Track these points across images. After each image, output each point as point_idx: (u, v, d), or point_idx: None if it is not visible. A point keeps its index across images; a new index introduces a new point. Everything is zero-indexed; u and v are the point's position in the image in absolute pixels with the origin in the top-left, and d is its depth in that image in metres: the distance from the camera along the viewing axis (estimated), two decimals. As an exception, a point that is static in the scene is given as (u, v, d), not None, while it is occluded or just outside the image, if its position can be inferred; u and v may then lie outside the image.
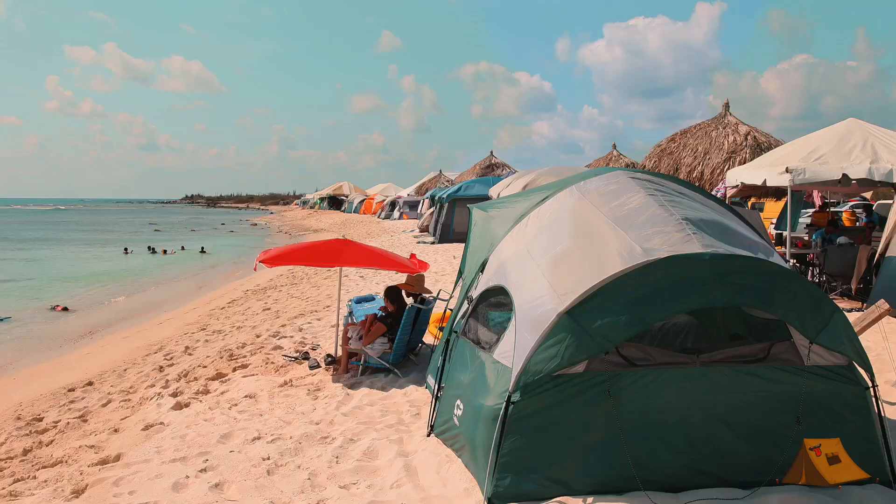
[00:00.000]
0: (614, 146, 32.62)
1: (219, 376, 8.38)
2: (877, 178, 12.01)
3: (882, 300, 6.76)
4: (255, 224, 67.87)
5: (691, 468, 4.51)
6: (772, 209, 24.51)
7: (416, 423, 6.29)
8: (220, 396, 7.54)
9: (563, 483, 4.47)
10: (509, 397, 4.48)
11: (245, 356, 9.26)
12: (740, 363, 4.59)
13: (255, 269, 8.29)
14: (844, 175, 11.98)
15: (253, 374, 8.29)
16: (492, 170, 41.38)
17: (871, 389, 4.59)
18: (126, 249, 36.06)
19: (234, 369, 8.63)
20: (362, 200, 65.57)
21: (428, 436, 5.81)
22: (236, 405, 7.12)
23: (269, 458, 5.54)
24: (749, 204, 24.68)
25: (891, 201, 13.30)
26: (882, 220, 14.37)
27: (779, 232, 16.47)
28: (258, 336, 10.74)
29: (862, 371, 4.61)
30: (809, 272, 14.10)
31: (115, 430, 6.86)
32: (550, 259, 5.04)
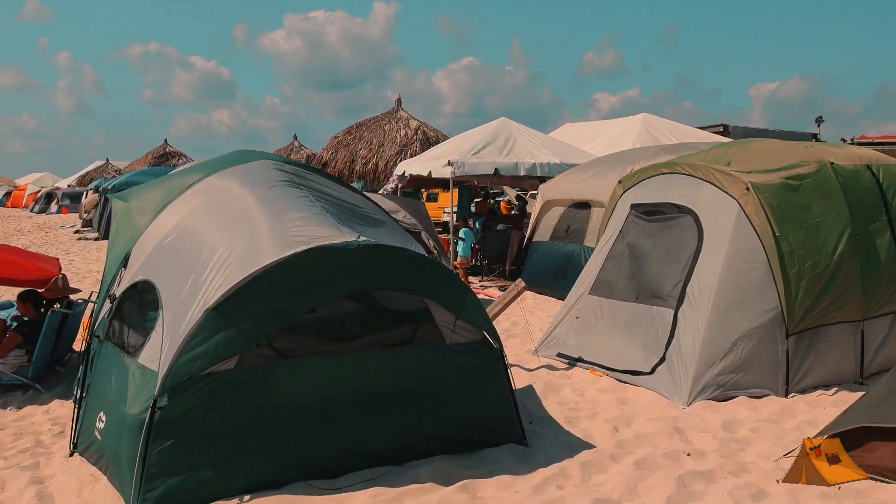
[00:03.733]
0: (295, 137, 32.83)
1: None
2: (522, 173, 13.49)
3: (519, 279, 7.59)
4: None
5: (348, 451, 4.61)
6: (445, 199, 26.39)
7: (59, 442, 5.60)
8: None
9: (221, 484, 4.29)
10: (155, 402, 4.18)
11: None
12: (389, 347, 4.81)
13: None
14: (496, 169, 13.28)
15: None
16: (166, 159, 38.89)
17: (503, 359, 5.08)
18: None
19: None
20: (9, 192, 57.39)
21: (71, 455, 5.20)
22: None
23: None
24: (425, 194, 26.32)
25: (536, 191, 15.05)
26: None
27: (445, 221, 17.75)
28: None
29: (493, 343, 5.09)
30: (475, 256, 15.44)
31: None
32: (196, 250, 4.81)
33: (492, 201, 21.74)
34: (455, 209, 15.95)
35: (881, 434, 4.51)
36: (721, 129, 24.65)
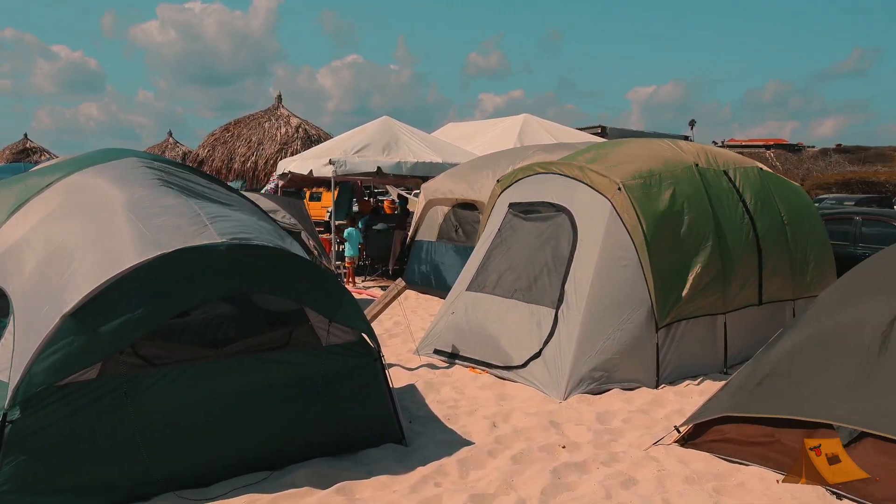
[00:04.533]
0: (170, 133, 31.51)
1: None
2: (405, 172, 13.50)
3: (399, 279, 7.57)
4: None
5: (222, 459, 4.45)
6: (329, 199, 26.05)
7: None
8: None
9: (83, 500, 4.04)
10: (5, 416, 3.88)
11: None
12: (264, 350, 4.66)
13: None
14: (379, 168, 13.22)
15: None
16: (27, 155, 36.17)
17: (380, 359, 5.03)
18: None
19: None
20: None
21: None
22: None
23: None
24: (308, 193, 25.91)
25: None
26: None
27: (328, 221, 17.51)
28: None
29: (371, 344, 5.03)
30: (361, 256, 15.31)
31: None
32: (54, 254, 4.50)
33: (373, 200, 21.66)
34: (333, 210, 15.78)
35: (738, 420, 4.79)
36: (599, 131, 25.61)
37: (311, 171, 13.55)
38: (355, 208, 20.40)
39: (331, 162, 12.94)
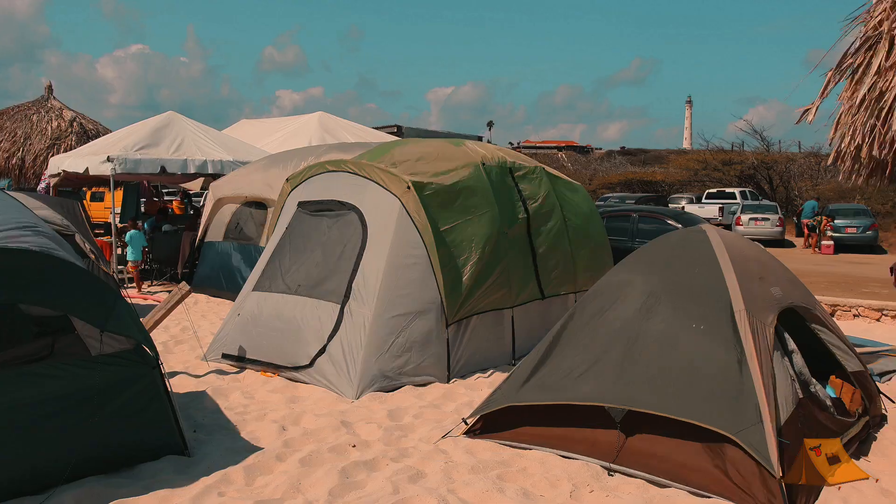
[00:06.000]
0: (-83, 125, 27.59)
1: None
2: (192, 170, 12.86)
3: (183, 283, 7.20)
4: None
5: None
6: (111, 199, 24.10)
7: None
8: None
9: None
10: None
11: None
12: (20, 364, 4.21)
13: None
14: (163, 167, 12.48)
15: None
16: None
17: (158, 368, 4.72)
18: None
19: None
20: None
21: None
22: None
23: None
24: (88, 194, 23.85)
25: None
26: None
27: (109, 223, 16.23)
28: None
29: (148, 351, 4.71)
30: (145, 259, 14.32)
31: None
32: None
33: (159, 200, 20.41)
34: (120, 211, 14.69)
35: (520, 409, 5.05)
36: (395, 130, 25.99)
37: (87, 168, 12.49)
38: (143, 209, 19.12)
39: (109, 159, 12.02)
